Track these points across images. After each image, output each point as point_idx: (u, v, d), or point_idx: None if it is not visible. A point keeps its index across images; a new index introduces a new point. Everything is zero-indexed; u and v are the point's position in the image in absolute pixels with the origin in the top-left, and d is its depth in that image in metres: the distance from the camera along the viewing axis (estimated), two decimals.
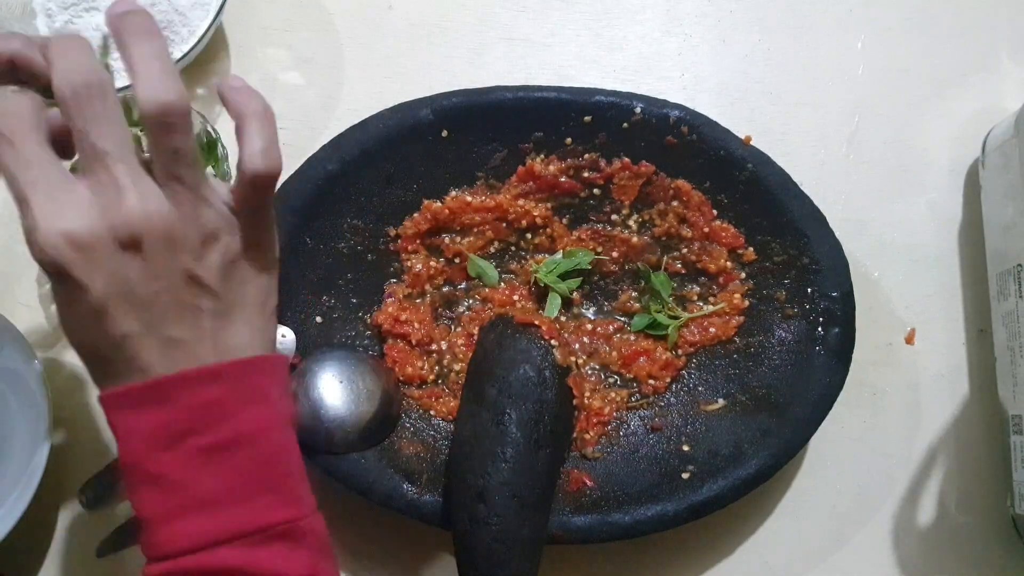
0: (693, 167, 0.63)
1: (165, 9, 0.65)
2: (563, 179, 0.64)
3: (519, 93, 0.63)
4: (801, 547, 0.62)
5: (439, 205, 0.63)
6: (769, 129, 0.68)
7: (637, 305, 0.64)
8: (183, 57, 0.64)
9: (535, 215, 0.63)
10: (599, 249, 0.64)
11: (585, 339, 0.64)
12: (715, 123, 0.62)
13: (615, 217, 0.64)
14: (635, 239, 0.64)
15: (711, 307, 0.63)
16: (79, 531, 0.61)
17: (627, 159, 0.63)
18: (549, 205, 0.64)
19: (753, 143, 0.62)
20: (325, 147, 0.62)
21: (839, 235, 0.61)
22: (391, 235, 0.63)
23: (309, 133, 0.68)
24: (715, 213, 0.63)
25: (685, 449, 0.59)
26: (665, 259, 0.64)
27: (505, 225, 0.64)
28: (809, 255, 0.61)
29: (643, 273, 0.64)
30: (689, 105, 0.63)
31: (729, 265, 0.63)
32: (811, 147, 0.69)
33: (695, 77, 0.70)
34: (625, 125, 0.62)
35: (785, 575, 0.62)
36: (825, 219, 0.62)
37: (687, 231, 0.64)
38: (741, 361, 0.62)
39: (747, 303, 0.63)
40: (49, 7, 0.66)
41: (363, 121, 0.62)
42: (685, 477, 0.58)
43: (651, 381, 0.62)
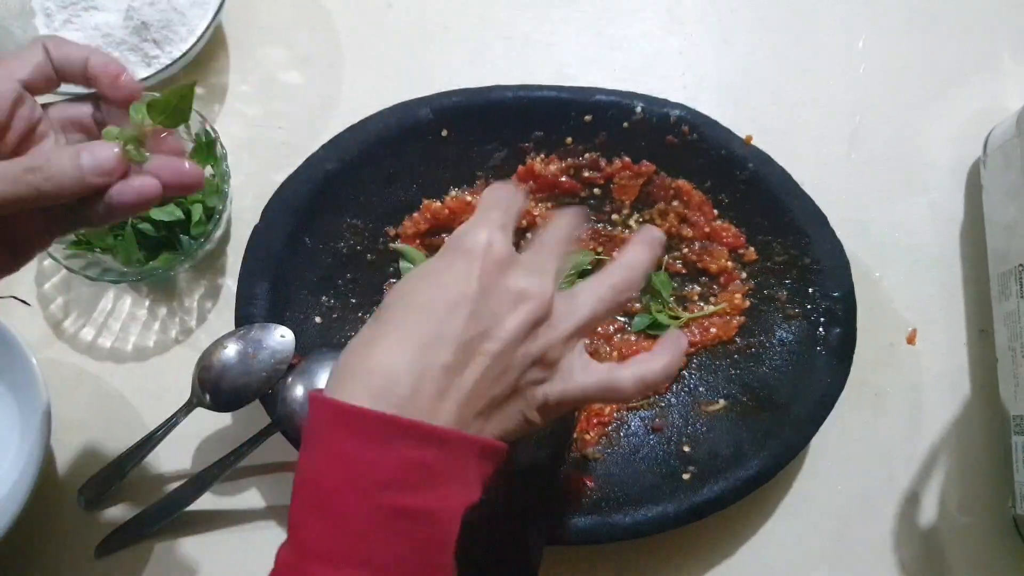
0: (694, 167, 0.63)
1: (164, 8, 0.65)
2: (563, 179, 0.64)
3: (519, 92, 0.63)
4: (802, 548, 0.62)
5: (439, 205, 0.63)
6: (770, 129, 0.68)
7: (638, 305, 0.64)
8: (182, 56, 0.63)
9: (535, 215, 0.63)
10: (599, 249, 0.64)
11: (585, 339, 0.63)
12: (716, 123, 0.62)
13: (615, 217, 0.64)
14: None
15: (712, 307, 0.63)
16: (79, 531, 0.61)
17: (628, 159, 0.63)
18: (549, 205, 0.64)
19: (754, 143, 0.62)
20: (325, 147, 0.62)
21: (840, 235, 0.61)
22: (391, 235, 0.63)
23: (309, 132, 0.68)
24: (716, 213, 0.63)
25: (686, 450, 0.59)
26: (666, 259, 0.64)
27: None
28: (810, 255, 0.61)
29: None
30: (690, 104, 0.63)
31: (730, 265, 0.63)
32: (812, 147, 0.69)
33: (696, 76, 0.70)
34: (626, 124, 0.62)
35: None
36: (826, 219, 0.61)
37: (688, 231, 0.63)
38: (742, 361, 0.62)
39: (748, 303, 0.62)
40: (48, 6, 0.66)
41: (363, 121, 0.62)
42: (686, 478, 0.58)
43: None
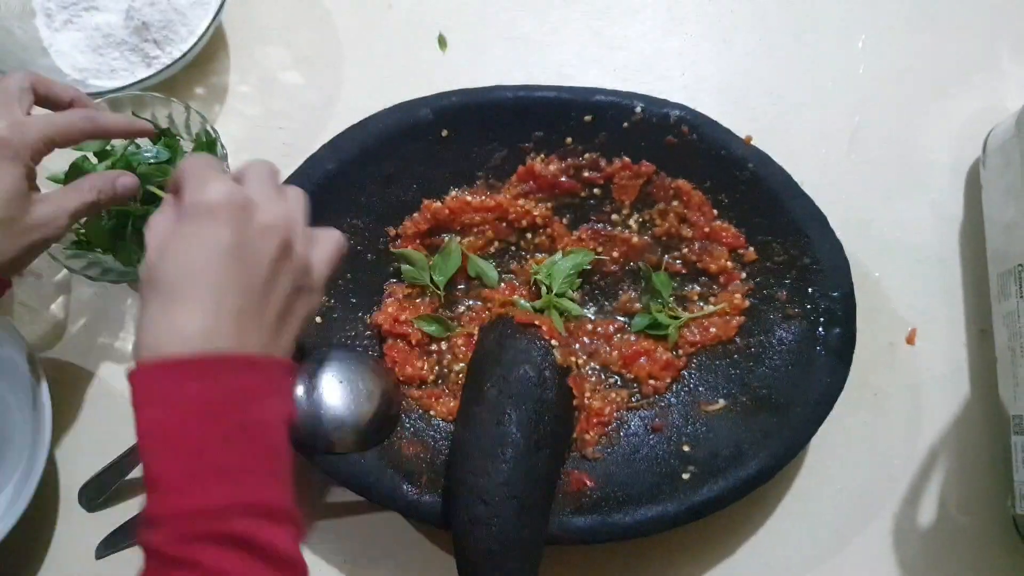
0: (694, 167, 0.63)
1: (164, 8, 0.65)
2: (563, 179, 0.64)
3: (519, 92, 0.63)
4: (802, 547, 0.62)
5: (439, 205, 0.63)
6: (770, 129, 0.68)
7: (638, 305, 0.64)
8: (182, 57, 0.63)
9: (535, 215, 0.63)
10: (599, 249, 0.64)
11: (585, 339, 0.63)
12: (716, 123, 0.62)
13: (615, 217, 0.64)
14: (635, 239, 0.64)
15: (712, 307, 0.63)
16: (79, 531, 0.61)
17: (627, 159, 0.63)
18: (549, 205, 0.64)
19: (754, 143, 0.62)
20: (325, 147, 0.62)
21: (840, 235, 0.61)
22: (391, 235, 0.63)
23: (309, 133, 0.68)
24: (716, 213, 0.63)
25: (686, 449, 0.59)
26: (665, 259, 0.64)
27: (505, 225, 0.64)
28: (810, 255, 0.61)
29: (643, 273, 0.64)
30: (690, 104, 0.63)
31: (730, 265, 0.63)
32: (812, 147, 0.69)
33: (696, 76, 0.70)
34: (625, 125, 0.62)
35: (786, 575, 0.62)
36: (826, 219, 0.61)
37: (688, 231, 0.63)
38: (742, 361, 0.62)
39: (748, 303, 0.62)
40: (48, 7, 0.66)
41: (363, 121, 0.62)
42: (685, 478, 0.58)
43: (651, 381, 0.62)
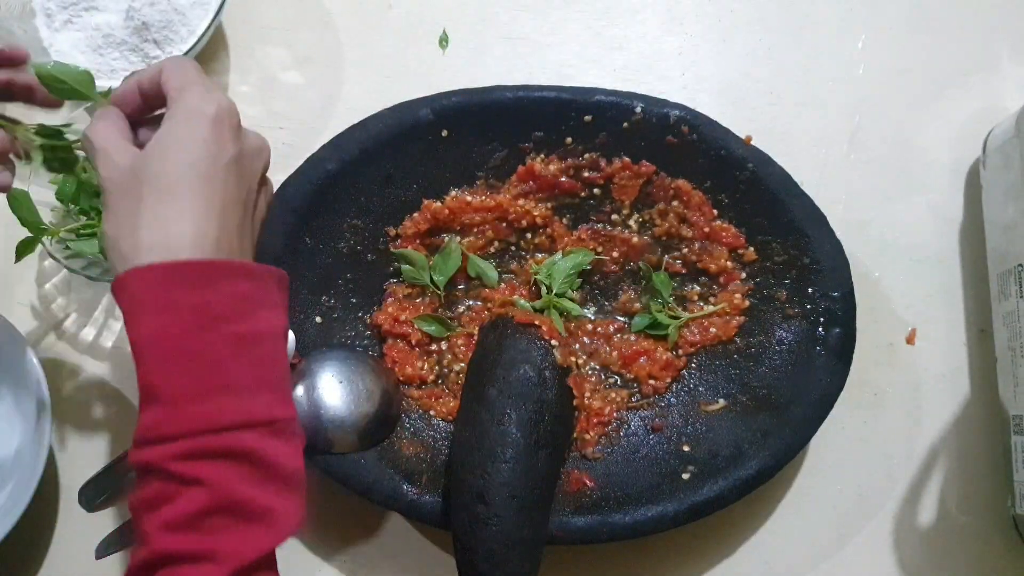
0: (694, 167, 0.63)
1: (164, 8, 0.65)
2: (563, 179, 0.64)
3: (519, 93, 0.63)
4: (802, 547, 0.62)
5: (439, 205, 0.63)
6: (770, 129, 0.68)
7: (637, 305, 0.64)
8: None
9: (535, 215, 0.63)
10: (599, 249, 0.64)
11: (585, 339, 0.63)
12: (716, 123, 0.62)
13: (615, 217, 0.64)
14: (635, 239, 0.64)
15: (712, 307, 0.63)
16: (79, 531, 0.61)
17: (627, 159, 0.63)
18: (549, 205, 0.64)
19: (754, 143, 0.62)
20: (325, 147, 0.62)
21: (840, 235, 0.61)
22: (391, 235, 0.63)
23: (309, 133, 0.68)
24: (716, 213, 0.63)
25: (685, 449, 0.59)
26: (665, 259, 0.64)
27: (505, 225, 0.64)
28: (810, 255, 0.61)
29: (643, 273, 0.64)
30: (690, 105, 0.63)
31: (730, 265, 0.63)
32: (812, 147, 0.69)
33: (696, 77, 0.70)
34: (625, 125, 0.62)
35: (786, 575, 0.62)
36: (826, 219, 0.61)
37: (687, 231, 0.63)
38: (741, 361, 0.62)
39: (748, 303, 0.62)
40: (48, 7, 0.66)
41: (363, 121, 0.62)
42: (685, 478, 0.58)
43: (651, 381, 0.62)
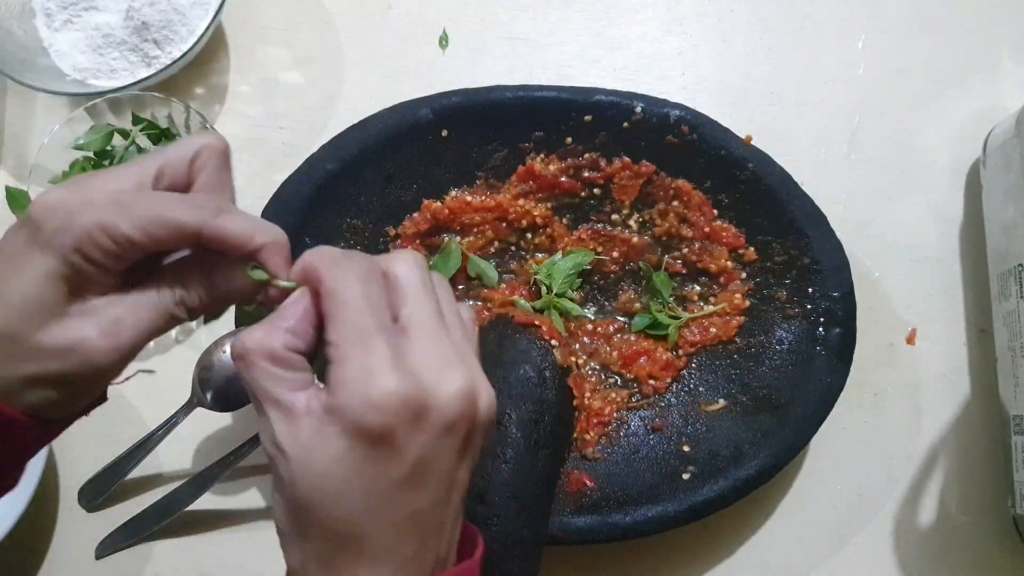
0: (694, 167, 0.63)
1: (164, 8, 0.65)
2: (563, 179, 0.64)
3: (519, 92, 0.63)
4: (802, 547, 0.62)
5: (439, 205, 0.63)
6: (770, 129, 0.68)
7: (637, 305, 0.64)
8: (182, 57, 0.63)
9: (535, 215, 0.63)
10: (599, 249, 0.64)
11: (585, 339, 0.63)
12: (716, 123, 0.62)
13: (615, 217, 0.64)
14: (635, 239, 0.64)
15: (712, 307, 0.63)
16: (79, 531, 0.61)
17: (627, 159, 0.63)
18: (549, 205, 0.64)
19: (754, 143, 0.62)
20: (325, 147, 0.62)
21: (840, 235, 0.61)
22: (391, 235, 0.63)
23: (309, 133, 0.68)
24: (716, 213, 0.63)
25: (686, 449, 0.59)
26: (665, 259, 0.64)
27: (505, 225, 0.64)
28: (810, 255, 0.61)
29: (643, 273, 0.64)
30: (690, 105, 0.63)
31: (730, 265, 0.63)
32: (812, 147, 0.69)
33: (696, 77, 0.70)
34: (625, 125, 0.62)
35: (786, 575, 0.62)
36: (826, 219, 0.61)
37: (688, 231, 0.63)
38: (742, 361, 0.62)
39: (748, 303, 0.62)
40: (48, 7, 0.66)
41: (363, 121, 0.62)
42: (685, 478, 0.58)
43: (651, 381, 0.62)
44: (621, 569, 0.61)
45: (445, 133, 0.62)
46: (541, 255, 0.64)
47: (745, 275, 0.63)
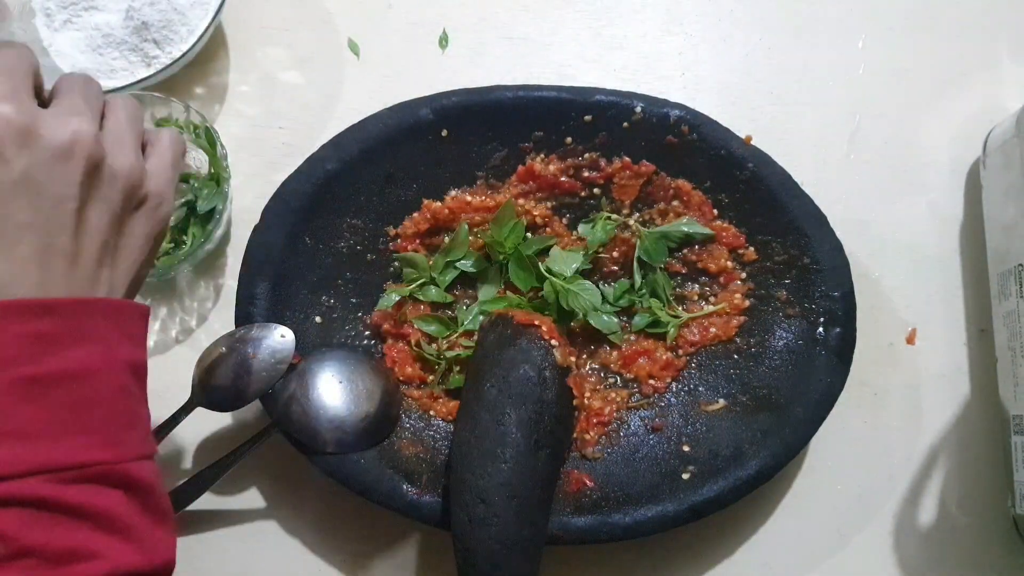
0: (694, 167, 0.63)
1: (164, 8, 0.65)
2: (563, 178, 0.64)
3: (519, 92, 0.63)
4: (802, 547, 0.62)
5: (439, 205, 0.63)
6: (770, 129, 0.68)
7: (638, 304, 0.64)
8: (182, 56, 0.63)
9: (535, 215, 0.63)
10: (599, 248, 0.64)
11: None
12: (716, 123, 0.62)
13: (615, 216, 0.64)
14: (635, 239, 0.64)
15: (711, 307, 0.63)
16: None
17: (627, 158, 0.63)
18: (549, 205, 0.64)
19: (754, 143, 0.62)
20: (325, 146, 0.62)
21: (840, 235, 0.61)
22: (391, 235, 0.63)
23: (309, 133, 0.68)
24: (716, 213, 0.63)
25: (685, 449, 0.59)
26: (665, 258, 0.64)
27: None
28: (810, 255, 0.61)
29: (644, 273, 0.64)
30: (690, 104, 0.63)
31: (730, 265, 0.63)
32: (812, 147, 0.69)
33: (696, 76, 0.70)
34: (625, 124, 0.62)
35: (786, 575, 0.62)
36: (826, 219, 0.61)
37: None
38: (742, 361, 0.62)
39: (748, 303, 0.62)
40: (48, 7, 0.66)
41: (363, 121, 0.62)
42: (685, 478, 0.58)
43: (651, 381, 0.62)
44: (621, 569, 0.61)
45: (445, 133, 0.62)
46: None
47: (745, 275, 0.63)
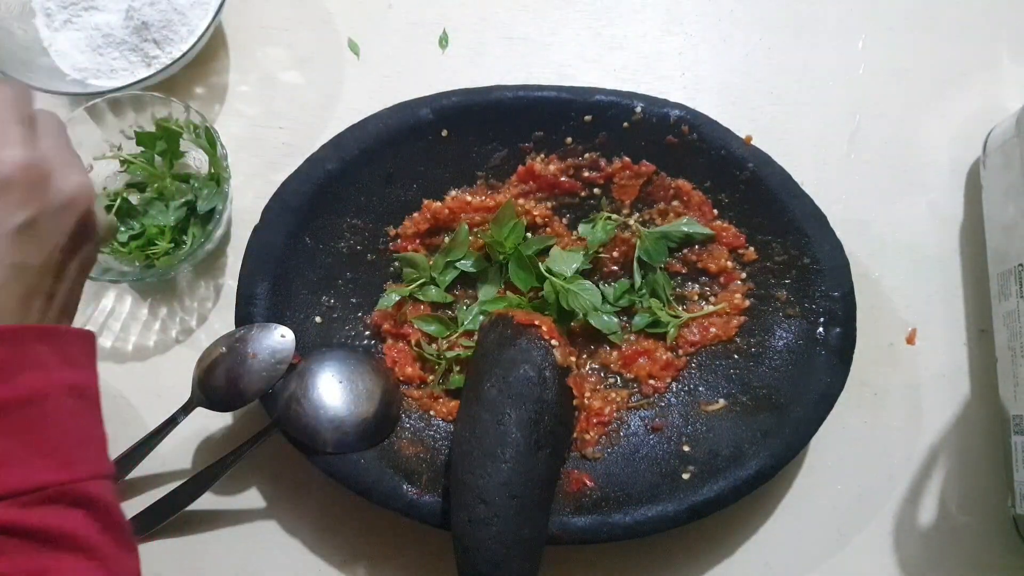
0: (694, 167, 0.63)
1: (164, 8, 0.65)
2: (563, 178, 0.64)
3: (519, 92, 0.63)
4: (802, 547, 0.62)
5: (439, 205, 0.63)
6: (770, 129, 0.68)
7: (638, 304, 0.64)
8: (182, 56, 0.63)
9: (535, 215, 0.63)
10: (599, 249, 0.64)
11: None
12: (716, 123, 0.62)
13: (615, 216, 0.64)
14: (635, 239, 0.64)
15: (712, 307, 0.63)
16: None
17: (627, 158, 0.63)
18: (549, 205, 0.64)
19: (754, 143, 0.62)
20: (325, 146, 0.62)
21: (840, 235, 0.61)
22: (391, 235, 0.63)
23: (309, 132, 0.68)
24: (716, 213, 0.63)
25: (686, 449, 0.59)
26: (665, 258, 0.64)
27: None
28: (810, 255, 0.61)
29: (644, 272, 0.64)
30: (690, 104, 0.63)
31: (730, 265, 0.63)
32: (812, 147, 0.69)
33: (696, 76, 0.70)
34: (626, 124, 0.62)
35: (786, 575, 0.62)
36: (826, 219, 0.61)
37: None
38: (742, 361, 0.62)
39: (748, 303, 0.62)
40: (48, 7, 0.66)
41: (363, 120, 0.62)
42: (686, 477, 0.58)
43: (651, 381, 0.62)
44: (621, 569, 0.61)
45: (445, 133, 0.62)
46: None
47: (745, 275, 0.63)
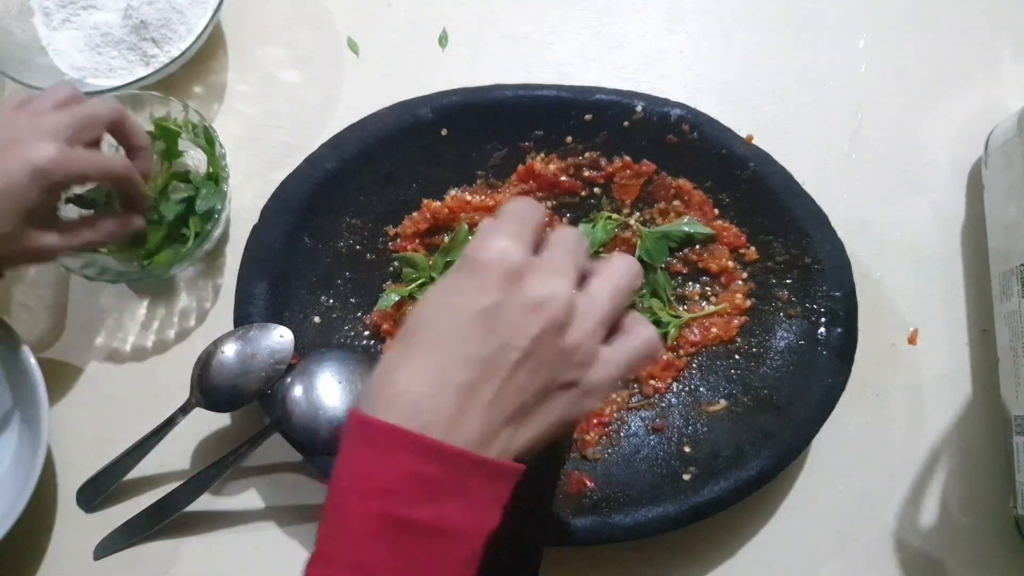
0: (695, 166, 0.63)
1: (163, 7, 0.65)
2: (563, 178, 0.63)
3: (519, 91, 0.62)
4: (803, 548, 0.62)
5: (439, 204, 0.63)
6: (771, 128, 0.68)
7: (638, 305, 0.63)
8: (181, 55, 0.63)
9: None
10: (600, 249, 0.64)
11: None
12: (717, 122, 0.62)
13: (616, 216, 0.64)
14: (636, 238, 0.64)
15: (713, 307, 0.63)
16: (77, 532, 0.60)
17: (628, 158, 0.63)
18: (549, 204, 0.64)
19: (755, 142, 0.62)
20: (324, 146, 0.62)
21: (841, 235, 0.61)
22: (390, 234, 0.63)
23: (308, 132, 0.67)
24: (717, 212, 0.63)
25: (686, 450, 0.59)
26: (666, 258, 0.64)
27: None
28: (811, 255, 0.61)
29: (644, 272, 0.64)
30: (691, 104, 0.62)
31: (731, 265, 0.63)
32: (813, 146, 0.68)
33: (697, 76, 0.70)
34: (626, 124, 0.62)
35: None
36: (827, 219, 0.61)
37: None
38: (743, 361, 0.61)
39: (749, 303, 0.62)
40: (47, 6, 0.65)
41: (362, 120, 0.62)
42: (686, 478, 0.57)
43: (652, 382, 0.61)
44: (621, 570, 0.61)
45: (445, 133, 0.62)
46: None
47: (746, 275, 0.63)
